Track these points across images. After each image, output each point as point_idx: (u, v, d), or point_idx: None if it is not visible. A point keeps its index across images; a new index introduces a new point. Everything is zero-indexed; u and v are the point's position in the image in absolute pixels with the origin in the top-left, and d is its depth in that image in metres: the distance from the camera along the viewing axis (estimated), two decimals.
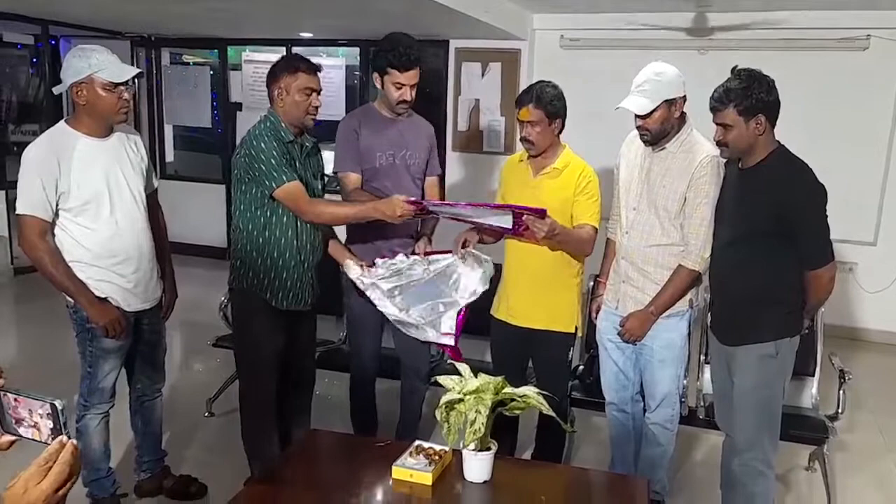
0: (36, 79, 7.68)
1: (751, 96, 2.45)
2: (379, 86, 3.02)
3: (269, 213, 2.73)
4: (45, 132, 2.67)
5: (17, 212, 2.56)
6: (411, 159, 3.11)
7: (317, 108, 2.73)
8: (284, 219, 2.74)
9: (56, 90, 2.72)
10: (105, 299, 2.68)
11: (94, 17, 6.70)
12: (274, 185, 2.64)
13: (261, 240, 2.74)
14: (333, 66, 7.31)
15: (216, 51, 7.79)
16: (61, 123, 2.67)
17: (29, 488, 1.03)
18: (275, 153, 2.64)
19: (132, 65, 7.49)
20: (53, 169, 2.54)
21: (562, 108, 2.85)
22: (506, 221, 2.76)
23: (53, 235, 2.64)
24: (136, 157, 2.80)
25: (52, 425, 1.11)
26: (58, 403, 1.11)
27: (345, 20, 6.14)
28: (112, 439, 2.93)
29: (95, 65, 2.55)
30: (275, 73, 2.73)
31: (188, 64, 8.59)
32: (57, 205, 2.58)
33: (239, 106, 7.65)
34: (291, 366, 2.92)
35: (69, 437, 1.11)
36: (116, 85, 2.59)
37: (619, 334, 2.90)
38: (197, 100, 7.83)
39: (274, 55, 7.36)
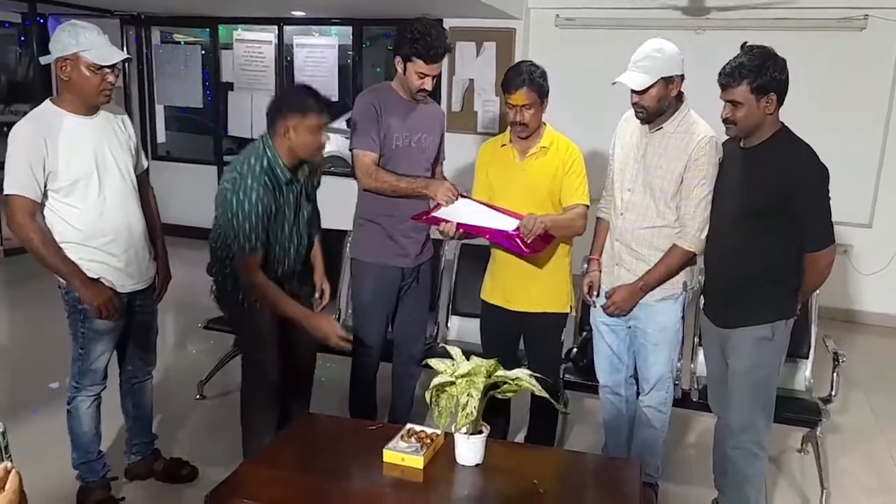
0: (25, 58, 7.59)
1: (765, 74, 2.41)
2: (400, 70, 2.93)
3: None
4: (30, 111, 2.63)
5: (4, 192, 2.52)
6: (426, 143, 3.08)
7: (324, 144, 2.66)
8: (269, 255, 2.68)
9: (43, 60, 2.66)
10: (97, 280, 2.65)
11: None
12: (240, 253, 2.59)
13: None
14: (326, 45, 7.24)
15: (207, 30, 7.70)
16: (46, 102, 2.63)
17: None
18: (254, 217, 2.55)
19: (122, 44, 7.47)
20: (41, 148, 2.50)
21: (548, 87, 2.83)
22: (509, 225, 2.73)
23: (43, 217, 2.60)
24: (123, 136, 2.76)
25: None
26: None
27: None
28: (102, 422, 2.91)
29: (83, 43, 2.52)
30: (280, 109, 2.61)
31: (179, 43, 8.50)
32: (45, 185, 2.55)
33: (230, 85, 7.58)
34: (292, 350, 2.89)
35: (11, 462, 1.05)
36: (101, 66, 2.54)
37: (603, 307, 2.88)
38: (188, 80, 7.73)
39: (266, 34, 7.31)
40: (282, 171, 2.63)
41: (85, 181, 2.59)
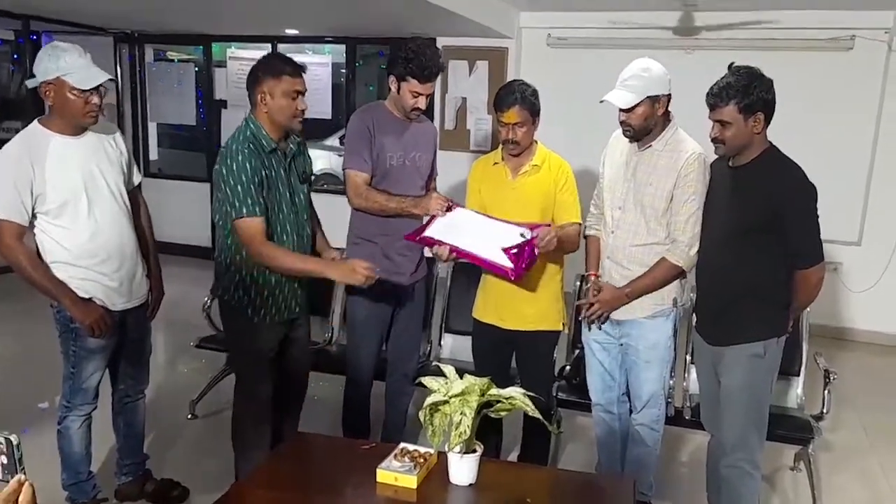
0: (17, 75, 7.59)
1: (752, 94, 2.45)
2: (394, 89, 2.95)
3: None
4: (18, 133, 2.62)
5: None
6: (420, 161, 3.09)
7: (303, 111, 2.64)
8: (273, 238, 2.65)
9: (29, 84, 2.65)
10: (89, 299, 2.64)
11: (76, 12, 6.61)
12: (234, 213, 2.54)
13: (239, 257, 2.66)
14: (320, 63, 7.27)
15: (201, 48, 7.73)
16: (34, 123, 2.62)
17: None
18: (244, 178, 2.52)
19: (115, 62, 7.49)
20: (27, 171, 2.50)
21: (539, 106, 2.86)
22: (513, 235, 2.72)
23: (34, 237, 2.60)
24: (114, 153, 2.75)
25: (4, 461, 1.08)
26: (13, 438, 1.07)
27: (331, 17, 6.11)
28: (93, 442, 2.89)
29: (64, 67, 2.51)
30: (256, 76, 2.60)
31: (172, 61, 8.52)
32: (34, 208, 2.54)
33: (224, 103, 7.59)
34: (285, 369, 2.88)
35: (25, 475, 1.07)
36: (84, 90, 2.53)
37: (585, 305, 2.89)
38: (181, 97, 7.75)
39: (259, 52, 7.29)
40: (265, 140, 2.61)
41: (73, 203, 2.59)
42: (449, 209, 2.88)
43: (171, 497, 3.07)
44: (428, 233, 2.86)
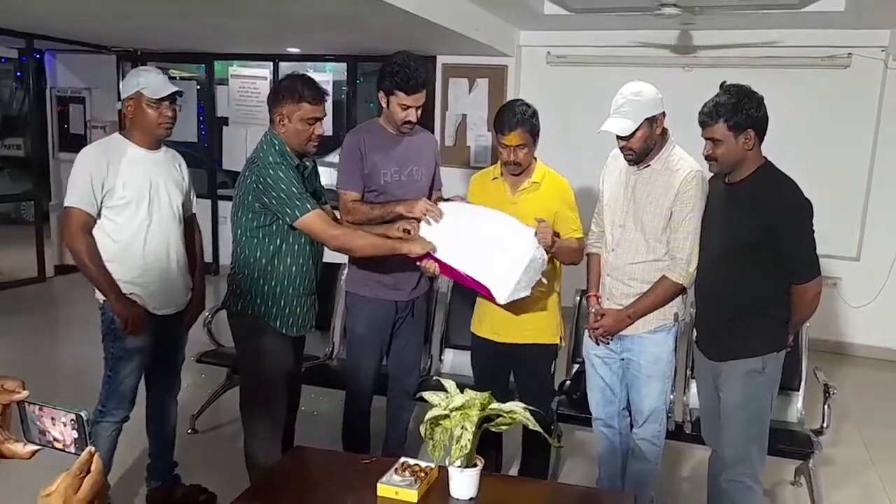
0: (20, 93, 7.65)
1: (741, 112, 2.48)
2: (384, 105, 2.99)
3: (278, 242, 2.67)
4: (98, 140, 2.98)
5: (65, 204, 2.76)
6: (418, 174, 3.10)
7: (319, 136, 2.69)
8: (295, 247, 2.69)
9: (118, 107, 3.03)
10: (132, 300, 2.81)
11: (80, 31, 6.67)
12: (298, 213, 2.58)
13: (269, 268, 2.68)
14: (321, 81, 7.21)
15: (203, 65, 7.80)
16: (116, 134, 2.93)
17: (68, 498, 1.06)
18: (294, 182, 2.59)
19: (117, 80, 7.54)
20: (102, 168, 2.75)
21: (539, 126, 2.89)
22: (525, 236, 2.74)
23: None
24: (178, 176, 2.99)
25: (76, 435, 1.14)
26: (83, 414, 1.14)
27: (332, 36, 6.16)
28: (125, 451, 3.01)
29: (142, 83, 2.80)
30: (278, 98, 2.67)
31: (175, 78, 8.57)
32: (101, 203, 2.76)
33: (225, 121, 7.65)
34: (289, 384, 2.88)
35: (95, 448, 1.14)
36: (159, 102, 2.80)
37: (590, 328, 2.91)
38: (183, 114, 7.65)
39: (261, 70, 7.40)
40: (289, 155, 2.66)
41: (136, 203, 2.81)
42: (441, 205, 2.88)
43: (199, 502, 3.16)
44: (424, 231, 2.84)
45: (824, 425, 3.22)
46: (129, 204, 2.79)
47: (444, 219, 2.86)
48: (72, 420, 1.13)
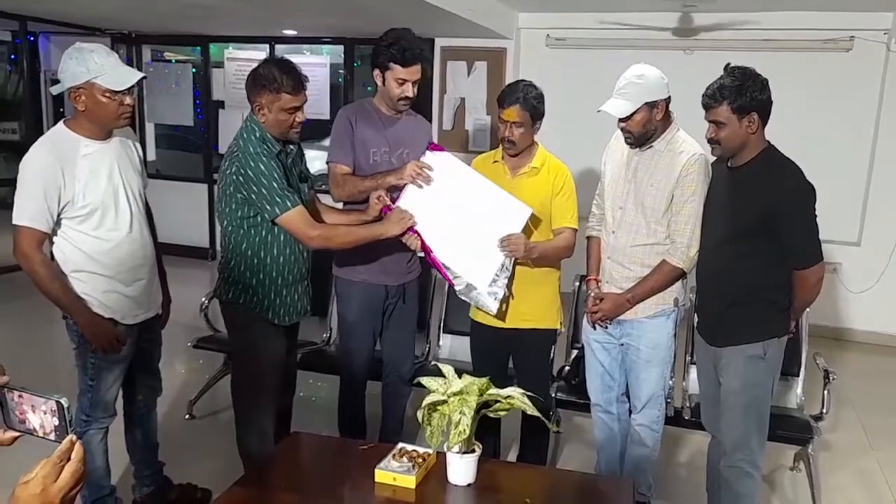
0: (14, 76, 7.58)
1: (745, 94, 2.44)
2: (380, 82, 2.94)
3: (264, 233, 2.61)
4: (44, 136, 2.52)
5: (14, 222, 2.42)
6: (409, 158, 3.03)
7: (301, 123, 2.61)
8: (282, 237, 2.63)
9: (53, 91, 2.51)
10: (105, 317, 2.56)
11: (74, 13, 6.60)
12: (278, 211, 2.52)
13: (256, 260, 2.63)
14: (318, 64, 7.26)
15: (198, 48, 7.72)
16: (60, 126, 2.52)
17: (46, 486, 1.05)
18: (276, 175, 2.50)
19: None
20: (58, 178, 2.40)
21: (543, 110, 2.84)
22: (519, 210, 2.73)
23: (51, 244, 2.51)
24: (135, 158, 2.70)
25: (56, 423, 1.13)
26: (63, 401, 1.12)
27: (329, 18, 6.10)
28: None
29: (94, 69, 2.39)
30: (256, 86, 2.53)
31: (170, 61, 8.50)
32: (59, 215, 2.46)
33: (221, 104, 7.60)
34: (285, 371, 2.86)
35: (76, 435, 1.12)
36: (117, 91, 2.43)
37: (589, 312, 2.89)
38: (179, 98, 7.74)
39: (257, 53, 7.32)
40: (270, 142, 2.58)
41: (101, 210, 2.51)
42: (430, 157, 2.85)
43: (194, 500, 3.03)
44: (400, 202, 2.79)
45: (824, 411, 3.21)
46: (95, 211, 2.49)
47: (433, 182, 2.82)
48: (52, 409, 1.12)
